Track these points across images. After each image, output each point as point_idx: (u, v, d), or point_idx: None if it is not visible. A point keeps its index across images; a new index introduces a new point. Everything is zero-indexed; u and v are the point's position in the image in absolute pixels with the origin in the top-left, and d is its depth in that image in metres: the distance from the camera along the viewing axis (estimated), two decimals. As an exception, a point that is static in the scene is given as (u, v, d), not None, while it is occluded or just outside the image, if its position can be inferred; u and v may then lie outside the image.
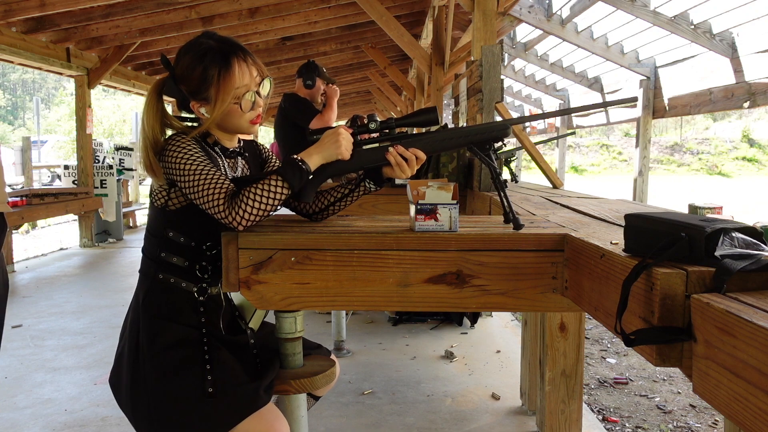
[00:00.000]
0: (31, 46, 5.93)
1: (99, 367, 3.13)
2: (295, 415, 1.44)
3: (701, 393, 0.70)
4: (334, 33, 8.02)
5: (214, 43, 1.33)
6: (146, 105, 1.34)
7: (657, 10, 4.80)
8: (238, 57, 1.32)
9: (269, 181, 1.25)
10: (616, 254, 0.90)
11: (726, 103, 4.46)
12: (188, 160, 1.27)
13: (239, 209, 1.21)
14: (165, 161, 1.29)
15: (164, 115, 1.35)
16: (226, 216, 1.22)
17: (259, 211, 1.22)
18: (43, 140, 20.89)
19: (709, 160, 29.29)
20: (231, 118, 1.35)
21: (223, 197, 1.23)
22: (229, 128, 1.39)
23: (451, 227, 1.22)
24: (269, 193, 1.23)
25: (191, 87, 1.33)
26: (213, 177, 1.25)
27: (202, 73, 1.31)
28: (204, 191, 1.24)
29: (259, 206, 1.22)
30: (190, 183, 1.25)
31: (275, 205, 1.25)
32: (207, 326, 1.37)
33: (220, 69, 1.30)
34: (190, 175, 1.25)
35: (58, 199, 6.39)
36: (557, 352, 2.18)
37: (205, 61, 1.31)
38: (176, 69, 1.34)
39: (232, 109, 1.34)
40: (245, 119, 1.36)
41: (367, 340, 3.56)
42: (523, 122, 1.85)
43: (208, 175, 1.25)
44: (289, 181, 1.25)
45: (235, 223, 1.21)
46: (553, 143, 11.07)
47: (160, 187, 1.35)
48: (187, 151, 1.28)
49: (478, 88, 2.50)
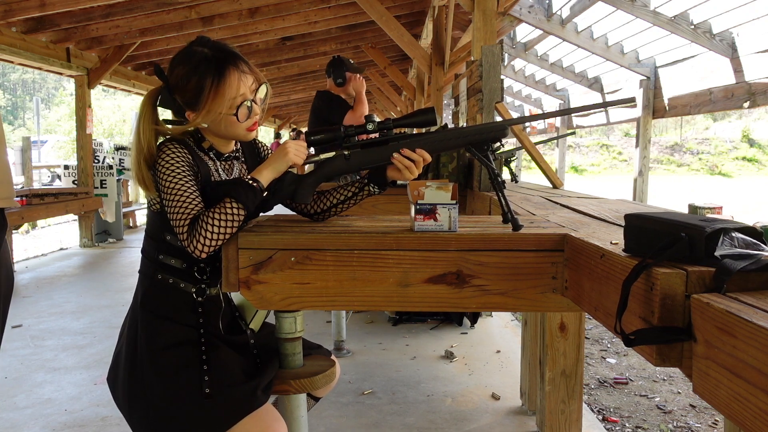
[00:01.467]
0: (31, 46, 5.93)
1: (99, 367, 3.13)
2: (294, 415, 1.44)
3: (701, 393, 0.70)
4: (334, 33, 8.02)
5: (209, 51, 1.30)
6: (140, 116, 1.32)
7: (657, 10, 4.80)
8: (232, 66, 1.30)
9: (223, 205, 1.24)
10: (616, 254, 0.90)
11: (726, 103, 4.46)
12: (169, 177, 1.26)
13: (198, 238, 1.21)
14: (156, 171, 1.29)
15: (158, 125, 1.33)
16: (188, 245, 1.22)
17: (218, 237, 1.22)
18: (43, 140, 20.89)
19: (709, 160, 29.29)
20: (227, 127, 1.34)
21: (187, 224, 1.23)
22: (227, 136, 1.39)
23: (450, 227, 1.21)
24: (225, 216, 1.23)
25: (186, 98, 1.32)
26: (183, 201, 1.24)
27: (197, 84, 1.29)
28: (173, 215, 1.25)
29: (216, 232, 1.21)
30: (167, 202, 1.26)
31: (233, 227, 1.23)
32: (205, 327, 1.37)
33: (213, 79, 1.28)
34: (167, 195, 1.26)
35: (58, 199, 6.39)
36: (557, 352, 2.17)
37: (198, 71, 1.29)
38: (170, 79, 1.33)
39: (229, 119, 1.32)
40: (242, 128, 1.35)
41: (367, 340, 3.56)
42: (523, 122, 1.85)
43: (180, 198, 1.25)
44: (242, 203, 1.25)
45: (196, 252, 1.22)
46: (553, 143, 11.07)
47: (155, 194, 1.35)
48: (172, 164, 1.27)
49: (478, 88, 2.50)
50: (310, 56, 8.97)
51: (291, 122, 18.75)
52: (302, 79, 10.99)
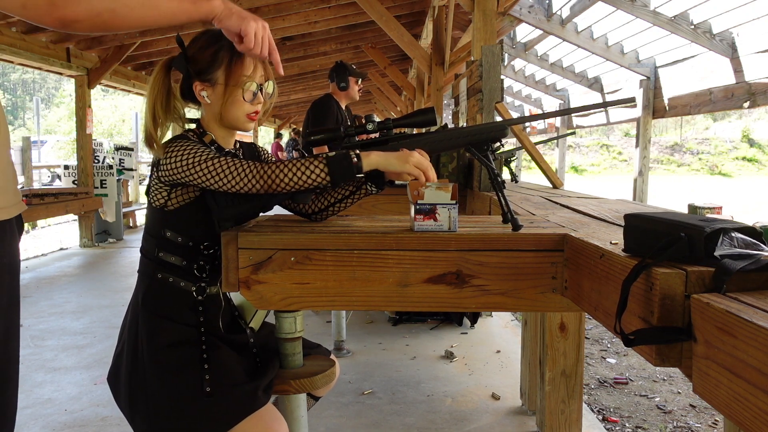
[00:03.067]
0: (31, 46, 5.93)
1: (99, 367, 3.13)
2: (294, 415, 1.44)
3: (701, 393, 0.70)
4: (334, 33, 8.02)
5: None
6: (153, 78, 1.35)
7: (657, 10, 4.80)
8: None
9: (312, 161, 1.24)
10: (615, 254, 0.90)
11: (726, 103, 4.46)
12: (197, 153, 1.27)
13: (274, 173, 1.23)
14: (168, 163, 1.28)
15: (169, 92, 1.36)
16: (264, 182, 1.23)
17: (292, 180, 1.23)
18: (43, 140, 20.88)
19: (709, 160, 29.29)
20: (231, 107, 1.36)
21: (255, 167, 1.24)
22: (227, 118, 1.38)
23: (450, 227, 1.21)
24: (306, 171, 1.23)
25: (199, 66, 1.34)
26: (232, 159, 1.26)
27: (213, 54, 1.33)
28: (232, 171, 1.24)
29: (293, 177, 1.23)
30: (210, 171, 1.25)
31: (307, 185, 1.24)
32: (206, 326, 1.37)
33: (232, 54, 1.32)
34: (208, 164, 1.25)
35: (58, 199, 6.39)
36: (557, 352, 2.18)
37: (218, 44, 1.33)
38: (189, 50, 1.36)
39: (234, 96, 1.34)
40: (243, 110, 1.36)
41: (367, 340, 3.56)
42: (522, 122, 1.85)
43: (227, 158, 1.26)
44: (330, 169, 1.24)
45: (274, 185, 1.23)
46: (553, 143, 11.07)
47: (159, 187, 1.35)
48: (192, 147, 1.28)
49: (478, 88, 2.50)
50: (310, 56, 8.97)
51: (291, 122, 18.75)
52: (302, 79, 10.99)
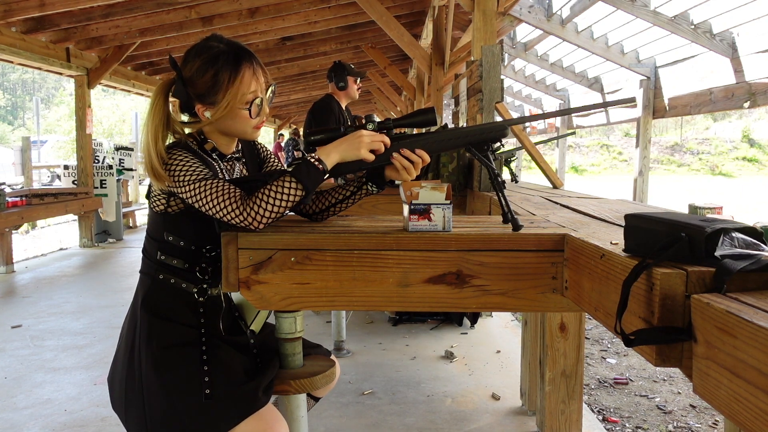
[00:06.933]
0: (31, 46, 5.92)
1: (99, 368, 3.13)
2: (294, 415, 1.44)
3: (701, 393, 0.69)
4: (334, 33, 8.01)
5: (225, 47, 1.32)
6: (152, 106, 1.32)
7: (657, 10, 4.80)
8: (248, 62, 1.32)
9: (282, 182, 1.23)
10: (616, 254, 0.90)
11: (726, 103, 4.46)
12: (189, 172, 1.26)
13: (254, 210, 1.21)
14: (171, 174, 1.28)
15: (169, 119, 1.33)
16: (244, 219, 1.22)
17: (273, 210, 1.22)
18: (42, 140, 20.90)
19: (710, 160, 29.27)
20: (237, 123, 1.35)
21: (236, 201, 1.23)
22: (233, 133, 1.39)
23: (444, 227, 1.22)
24: (282, 194, 1.22)
25: (199, 90, 1.32)
26: (219, 184, 1.25)
27: (213, 78, 1.30)
28: (214, 199, 1.23)
29: (272, 207, 1.22)
30: (196, 193, 1.25)
31: (287, 207, 1.24)
32: (206, 327, 1.37)
33: (231, 74, 1.30)
34: (195, 186, 1.25)
35: (58, 199, 6.38)
36: (557, 352, 2.17)
37: (216, 65, 1.30)
38: (184, 71, 1.33)
39: (240, 114, 1.33)
40: (251, 125, 1.36)
41: (367, 340, 3.56)
42: (523, 122, 1.85)
43: (214, 183, 1.25)
44: (302, 182, 1.24)
45: (255, 224, 1.22)
46: (553, 143, 11.07)
47: (159, 194, 1.34)
48: (186, 162, 1.27)
49: (478, 88, 2.50)
50: (310, 56, 8.97)
51: (291, 122, 18.75)
52: (302, 79, 10.99)
